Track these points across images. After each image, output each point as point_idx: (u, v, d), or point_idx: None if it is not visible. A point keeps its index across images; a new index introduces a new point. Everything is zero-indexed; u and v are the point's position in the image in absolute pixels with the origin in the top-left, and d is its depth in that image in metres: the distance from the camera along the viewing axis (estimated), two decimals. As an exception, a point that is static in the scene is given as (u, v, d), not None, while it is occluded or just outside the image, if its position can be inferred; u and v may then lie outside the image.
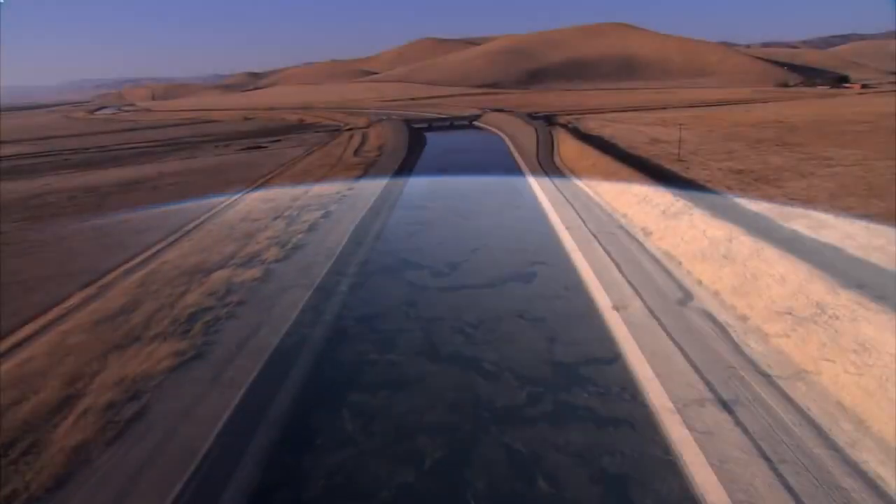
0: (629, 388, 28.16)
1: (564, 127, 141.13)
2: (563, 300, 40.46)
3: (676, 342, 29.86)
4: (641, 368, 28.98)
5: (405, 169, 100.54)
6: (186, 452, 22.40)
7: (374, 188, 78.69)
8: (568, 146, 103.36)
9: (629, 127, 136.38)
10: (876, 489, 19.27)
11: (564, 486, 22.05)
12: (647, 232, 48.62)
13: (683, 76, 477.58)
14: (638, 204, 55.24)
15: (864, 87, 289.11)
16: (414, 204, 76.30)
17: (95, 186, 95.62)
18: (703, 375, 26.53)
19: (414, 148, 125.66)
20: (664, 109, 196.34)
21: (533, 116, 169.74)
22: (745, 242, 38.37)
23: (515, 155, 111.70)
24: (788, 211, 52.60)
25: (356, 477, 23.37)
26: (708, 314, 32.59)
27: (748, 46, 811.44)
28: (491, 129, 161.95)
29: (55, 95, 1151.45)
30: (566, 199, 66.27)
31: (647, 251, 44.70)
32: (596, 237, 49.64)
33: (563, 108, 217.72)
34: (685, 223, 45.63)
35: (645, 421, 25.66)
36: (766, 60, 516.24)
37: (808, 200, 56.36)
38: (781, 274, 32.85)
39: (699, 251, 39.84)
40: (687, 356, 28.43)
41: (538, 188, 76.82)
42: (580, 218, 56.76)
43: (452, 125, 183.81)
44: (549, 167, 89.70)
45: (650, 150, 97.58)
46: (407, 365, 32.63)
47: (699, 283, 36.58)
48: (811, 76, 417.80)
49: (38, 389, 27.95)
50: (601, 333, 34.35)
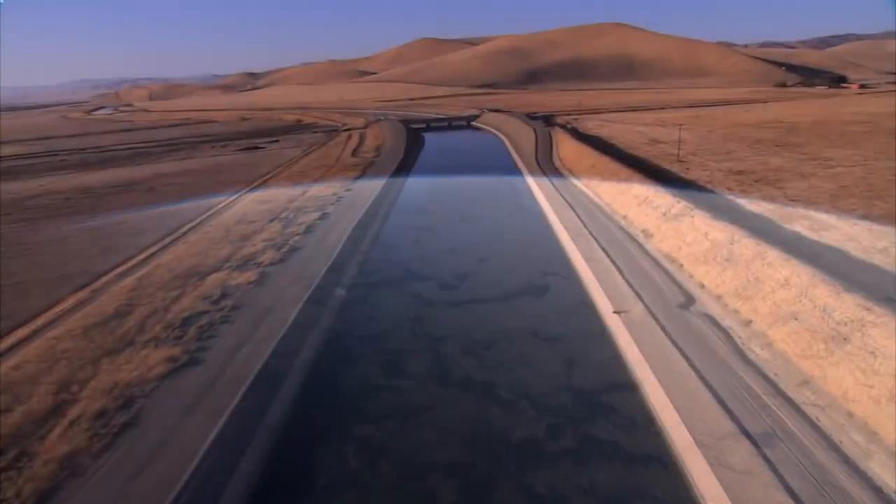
0: (630, 395, 27.63)
1: (563, 127, 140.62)
2: (563, 303, 39.89)
3: (679, 347, 29.32)
4: (643, 374, 28.45)
5: (403, 170, 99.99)
6: (176, 466, 21.78)
7: (371, 189, 78.06)
8: (567, 147, 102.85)
9: (628, 127, 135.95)
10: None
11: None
12: (647, 234, 48.09)
13: (682, 76, 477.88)
14: (638, 205, 54.69)
15: (862, 87, 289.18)
16: (412, 206, 75.72)
17: (91, 187, 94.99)
18: (706, 382, 25.97)
19: (412, 148, 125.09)
20: (663, 109, 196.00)
21: (531, 117, 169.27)
22: (747, 245, 37.85)
23: (514, 155, 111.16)
24: (790, 212, 52.12)
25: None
26: (711, 318, 32.07)
27: (746, 46, 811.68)
28: (489, 129, 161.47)
29: (53, 96, 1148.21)
30: (566, 200, 65.74)
31: (647, 253, 44.17)
32: (596, 239, 49.10)
33: (561, 108, 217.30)
34: (686, 225, 45.11)
35: (645, 426, 25.19)
36: (764, 60, 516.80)
37: (809, 202, 55.89)
38: (785, 277, 32.34)
39: (701, 254, 39.32)
40: (690, 362, 27.88)
41: (537, 189, 76.26)
42: (580, 220, 56.22)
43: (450, 125, 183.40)
44: (548, 168, 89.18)
45: (649, 150, 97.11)
46: (399, 355, 32.23)
47: (701, 286, 36.05)
48: (809, 76, 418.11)
49: (28, 396, 27.38)
50: (602, 337, 33.84)
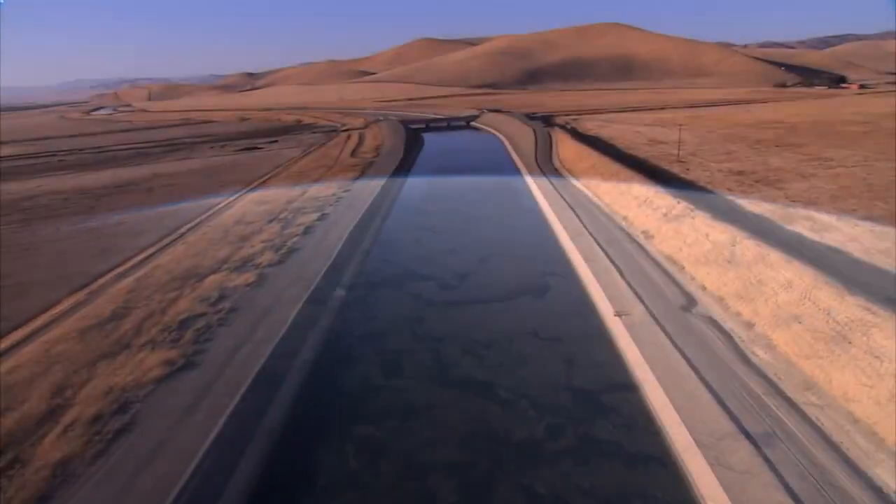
0: (632, 397, 27.35)
1: (563, 128, 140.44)
2: (563, 305, 39.62)
3: (681, 350, 29.04)
4: (645, 379, 28.16)
5: (402, 170, 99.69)
6: (172, 472, 21.49)
7: (371, 190, 77.76)
8: (566, 147, 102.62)
9: (627, 128, 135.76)
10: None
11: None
12: (648, 235, 47.83)
13: (681, 76, 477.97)
14: (638, 206, 54.44)
15: (861, 87, 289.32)
16: (411, 206, 75.46)
17: (89, 188, 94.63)
18: (708, 385, 25.69)
19: (411, 149, 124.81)
20: (662, 110, 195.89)
21: (531, 117, 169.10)
22: (749, 246, 37.61)
23: (514, 156, 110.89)
24: (791, 213, 51.88)
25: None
26: (712, 321, 31.80)
27: (745, 47, 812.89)
28: (489, 129, 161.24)
29: (52, 96, 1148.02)
30: (566, 201, 65.47)
31: (648, 255, 43.89)
32: (596, 240, 48.81)
33: (560, 108, 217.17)
34: (687, 226, 44.86)
35: (647, 427, 24.94)
36: (763, 61, 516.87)
37: (810, 202, 55.67)
38: (787, 279, 32.09)
39: (702, 255, 39.06)
40: (692, 365, 27.59)
41: (537, 190, 76.00)
42: (580, 220, 55.94)
43: (450, 126, 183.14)
44: (547, 168, 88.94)
45: (649, 151, 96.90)
46: (398, 356, 31.99)
47: (703, 288, 35.79)
48: (809, 76, 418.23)
49: (22, 400, 27.09)
50: (603, 340, 33.57)
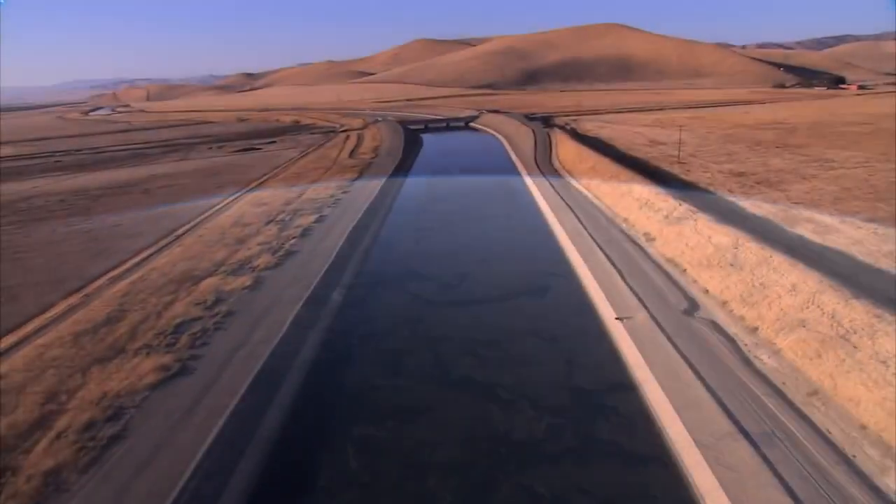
0: (635, 403, 26.87)
1: (562, 128, 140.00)
2: (564, 308, 39.15)
3: (684, 355, 28.55)
4: (647, 385, 27.70)
5: (401, 171, 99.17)
6: (166, 482, 20.95)
7: (369, 191, 77.23)
8: (566, 148, 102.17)
9: (627, 128, 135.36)
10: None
11: None
12: (649, 237, 47.34)
13: (680, 77, 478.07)
14: (639, 208, 53.96)
15: (861, 88, 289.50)
16: (410, 208, 74.96)
17: (86, 189, 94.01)
18: (713, 392, 25.19)
19: (410, 150, 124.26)
20: (661, 110, 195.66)
21: (530, 118, 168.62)
22: (752, 249, 37.16)
23: (513, 157, 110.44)
24: (793, 215, 51.44)
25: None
26: (716, 325, 31.31)
27: (744, 47, 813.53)
28: (488, 130, 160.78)
29: (50, 96, 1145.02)
30: (566, 203, 64.98)
31: (650, 258, 43.41)
32: (597, 243, 48.31)
33: (559, 109, 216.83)
34: (689, 228, 44.39)
35: (651, 434, 24.49)
36: (762, 61, 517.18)
37: (812, 204, 55.23)
38: (792, 283, 31.64)
39: (704, 258, 38.58)
40: (695, 370, 27.10)
41: (537, 192, 75.55)
42: (580, 222, 55.45)
43: (449, 126, 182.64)
44: (547, 170, 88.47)
45: (649, 151, 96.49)
46: (396, 364, 31.46)
47: (705, 291, 35.31)
48: (807, 77, 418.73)
49: (14, 407, 26.51)
50: (605, 344, 33.10)
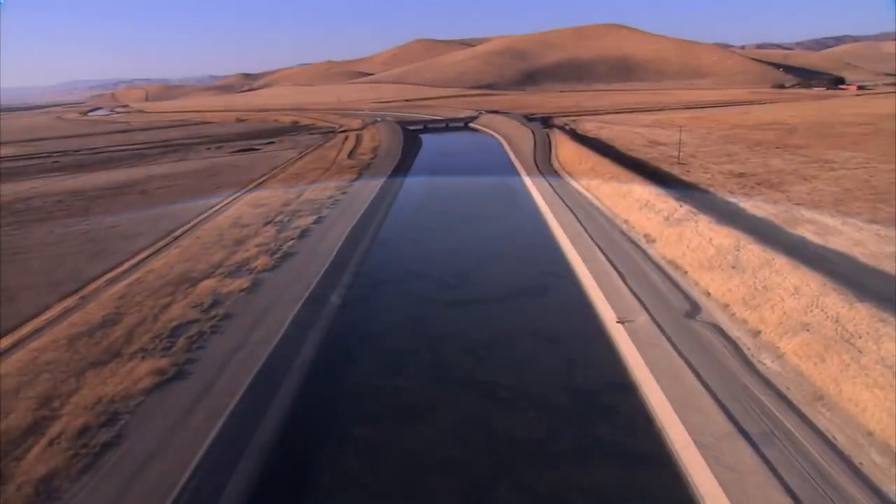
0: (636, 407, 26.56)
1: (561, 129, 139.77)
2: (565, 311, 38.84)
3: (686, 359, 28.20)
4: (649, 388, 27.40)
5: (400, 172, 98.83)
6: (160, 490, 20.59)
7: (368, 192, 76.84)
8: (566, 149, 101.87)
9: (626, 129, 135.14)
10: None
11: None
12: (649, 239, 47.01)
13: (679, 77, 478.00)
14: (639, 209, 53.65)
15: (860, 88, 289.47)
16: (409, 209, 74.62)
17: (84, 190, 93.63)
18: (716, 398, 24.85)
19: (409, 150, 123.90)
20: (661, 111, 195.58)
21: (529, 118, 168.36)
22: (753, 251, 36.86)
23: (512, 158, 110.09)
24: (794, 216, 51.19)
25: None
26: (718, 328, 30.98)
27: (742, 48, 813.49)
28: (487, 130, 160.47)
29: (49, 96, 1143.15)
30: (565, 204, 64.62)
31: (650, 259, 43.08)
32: (597, 244, 47.95)
33: (559, 109, 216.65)
34: (690, 230, 44.08)
35: (653, 440, 24.19)
36: (761, 62, 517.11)
37: (813, 205, 54.98)
38: (794, 285, 31.34)
39: (706, 260, 38.28)
40: (698, 375, 26.76)
41: (536, 193, 75.21)
42: (580, 224, 55.10)
43: (448, 127, 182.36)
44: (547, 171, 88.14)
45: (649, 152, 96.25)
46: (394, 369, 31.13)
47: (707, 294, 34.98)
48: (807, 77, 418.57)
49: (6, 412, 26.14)
50: (606, 348, 32.80)
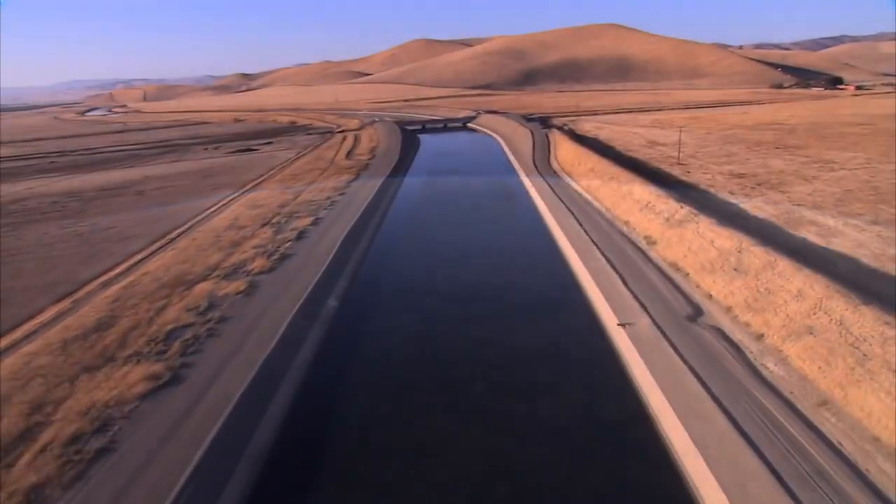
0: (641, 418, 26.11)
1: (560, 129, 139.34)
2: (565, 314, 38.35)
3: (689, 364, 27.76)
4: (651, 393, 26.97)
5: (398, 172, 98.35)
6: (153, 499, 20.09)
7: (366, 193, 76.32)
8: (564, 149, 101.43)
9: (625, 129, 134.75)
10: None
11: None
12: (650, 241, 46.55)
13: (677, 77, 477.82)
14: (640, 210, 53.20)
15: (858, 88, 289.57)
16: (407, 210, 74.07)
17: (79, 190, 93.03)
18: (720, 403, 24.41)
19: (407, 151, 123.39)
20: (660, 111, 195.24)
21: (528, 118, 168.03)
22: (756, 253, 36.43)
23: (511, 158, 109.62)
24: (796, 217, 50.78)
25: None
26: (721, 332, 30.54)
27: (741, 48, 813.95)
28: (485, 131, 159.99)
29: (46, 97, 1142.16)
30: (565, 205, 64.13)
31: (651, 261, 42.63)
32: (598, 246, 47.45)
33: (557, 109, 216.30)
34: (691, 232, 43.65)
35: (656, 446, 23.78)
36: (759, 62, 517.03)
37: (814, 206, 54.58)
38: (798, 288, 30.91)
39: (708, 262, 37.84)
40: (701, 380, 26.31)
41: (536, 194, 74.75)
42: (580, 225, 54.61)
43: (446, 127, 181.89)
44: (546, 171, 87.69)
45: (648, 152, 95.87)
46: (392, 366, 30.61)
47: (709, 297, 34.55)
48: (805, 77, 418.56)
49: (-2, 418, 25.69)
50: (607, 351, 32.36)
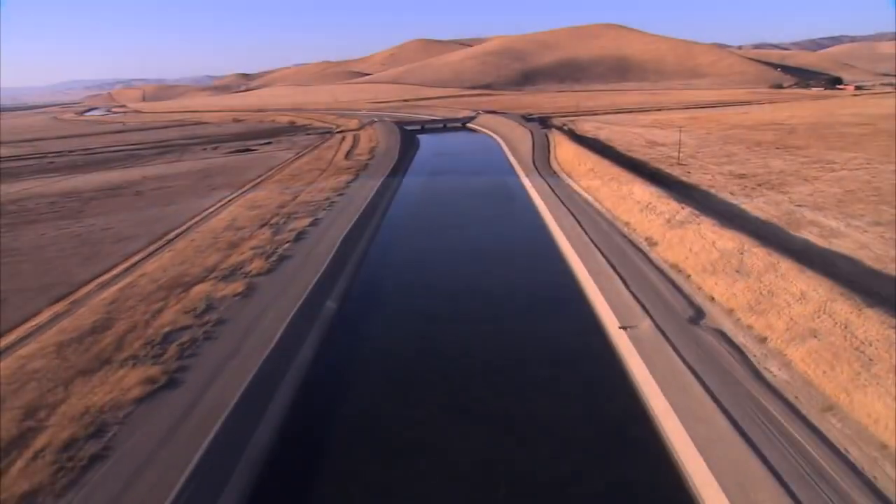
0: (642, 425, 25.82)
1: (560, 129, 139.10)
2: (566, 316, 38.08)
3: (691, 367, 27.45)
4: (652, 397, 26.69)
5: (398, 173, 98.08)
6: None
7: (365, 193, 76.00)
8: (564, 149, 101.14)
9: (625, 129, 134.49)
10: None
11: None
12: (651, 242, 46.24)
13: (677, 77, 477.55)
14: (640, 211, 52.91)
15: (858, 88, 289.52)
16: (406, 210, 73.77)
17: (78, 191, 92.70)
18: (723, 408, 24.10)
19: (406, 151, 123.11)
20: (659, 111, 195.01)
21: (527, 118, 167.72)
22: (758, 255, 36.15)
23: (511, 158, 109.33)
24: (797, 218, 50.52)
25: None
26: (723, 335, 30.24)
27: (740, 48, 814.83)
28: (485, 131, 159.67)
29: (46, 97, 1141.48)
30: (565, 206, 63.81)
31: (652, 263, 42.32)
32: (598, 248, 47.14)
33: (557, 109, 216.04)
34: (692, 233, 43.36)
35: (657, 449, 23.50)
36: (758, 62, 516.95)
37: (815, 207, 54.31)
38: (801, 290, 30.64)
39: (709, 264, 37.54)
40: (704, 384, 26.00)
41: (535, 194, 74.44)
42: (580, 226, 54.31)
43: (445, 127, 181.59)
44: (546, 172, 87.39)
45: (648, 153, 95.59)
46: (392, 368, 30.33)
47: (711, 299, 34.25)
48: (804, 77, 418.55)
49: (-9, 423, 25.36)
50: (608, 355, 32.08)
